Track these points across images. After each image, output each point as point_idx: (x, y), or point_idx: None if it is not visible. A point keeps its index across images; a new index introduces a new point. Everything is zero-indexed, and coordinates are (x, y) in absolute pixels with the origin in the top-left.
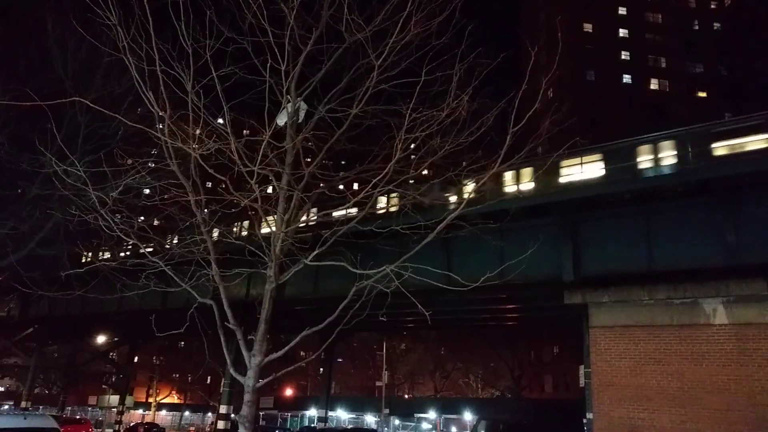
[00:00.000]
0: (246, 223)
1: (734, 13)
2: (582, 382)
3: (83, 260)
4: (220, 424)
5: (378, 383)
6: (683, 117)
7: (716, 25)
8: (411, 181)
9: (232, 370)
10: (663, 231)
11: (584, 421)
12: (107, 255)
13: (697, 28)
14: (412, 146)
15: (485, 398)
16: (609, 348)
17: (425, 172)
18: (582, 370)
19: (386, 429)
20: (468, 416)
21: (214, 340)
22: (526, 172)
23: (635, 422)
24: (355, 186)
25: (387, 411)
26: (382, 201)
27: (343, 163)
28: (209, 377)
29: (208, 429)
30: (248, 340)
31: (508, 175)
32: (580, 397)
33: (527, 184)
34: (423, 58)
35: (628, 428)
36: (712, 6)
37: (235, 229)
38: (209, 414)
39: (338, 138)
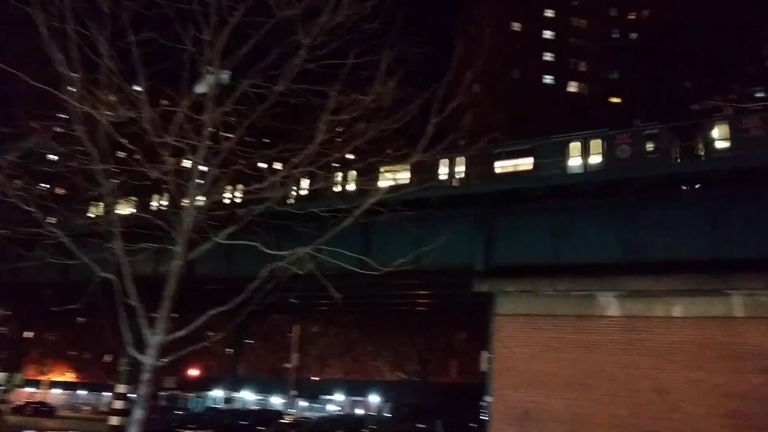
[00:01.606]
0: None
1: (651, 24)
2: (483, 367)
3: None
4: (118, 404)
5: (286, 365)
6: (599, 120)
7: (634, 34)
8: (334, 165)
9: (132, 349)
10: (570, 227)
11: (481, 403)
12: None
13: (616, 36)
14: (337, 129)
15: (393, 381)
16: (511, 335)
17: (350, 157)
18: (484, 355)
19: (293, 410)
20: (374, 399)
21: (117, 317)
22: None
23: (530, 405)
24: (277, 165)
25: (295, 393)
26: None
27: (267, 141)
28: (110, 356)
29: (104, 409)
30: (152, 319)
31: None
32: (483, 381)
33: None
34: (353, 41)
35: (523, 411)
36: (631, 16)
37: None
38: (107, 393)
39: (260, 114)
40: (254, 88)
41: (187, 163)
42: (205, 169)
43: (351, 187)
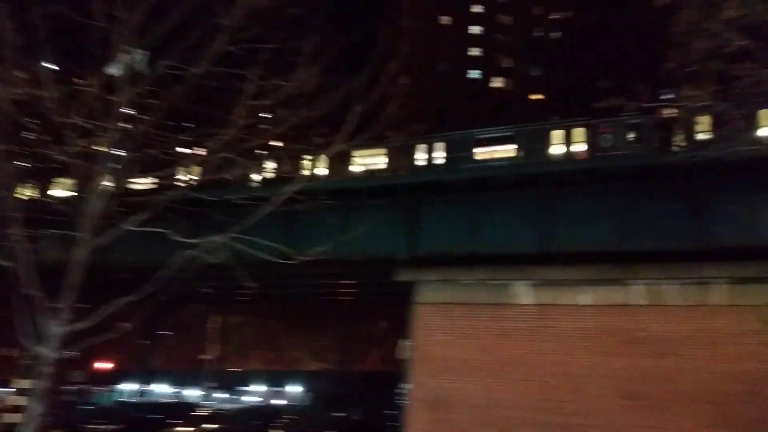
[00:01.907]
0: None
1: (573, 25)
2: (403, 354)
3: None
4: (15, 400)
5: (202, 357)
6: (521, 116)
7: (556, 34)
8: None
9: (30, 341)
10: (489, 218)
11: (397, 390)
12: None
13: (539, 35)
14: (261, 115)
15: (314, 371)
16: (430, 323)
17: (274, 144)
18: (404, 343)
19: (210, 403)
20: (295, 389)
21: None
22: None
23: (446, 391)
24: (199, 151)
25: (213, 384)
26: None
27: (186, 125)
28: (14, 350)
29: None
30: (55, 309)
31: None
32: (402, 369)
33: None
34: (277, 26)
35: (439, 396)
36: (556, 16)
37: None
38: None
39: (178, 97)
40: (172, 69)
41: (98, 147)
42: (117, 152)
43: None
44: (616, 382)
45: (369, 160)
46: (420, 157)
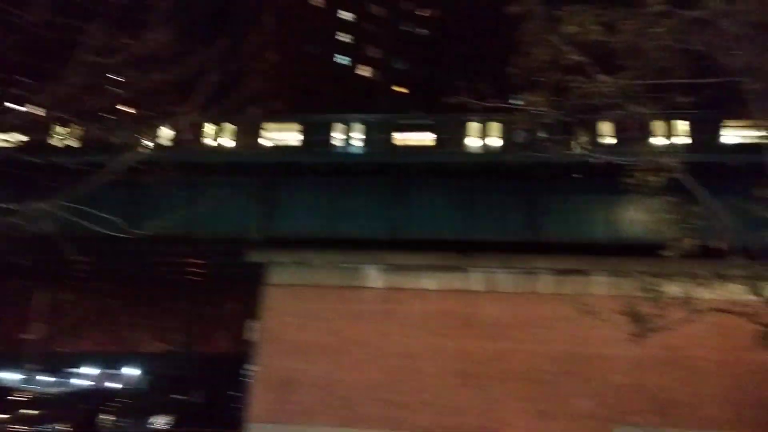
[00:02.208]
0: None
1: (438, 24)
2: (250, 336)
3: None
4: None
5: (25, 336)
6: (385, 106)
7: (424, 30)
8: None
9: None
10: (346, 203)
11: (243, 372)
12: None
13: (407, 29)
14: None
15: (155, 353)
16: (281, 305)
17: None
18: (252, 324)
19: (32, 386)
20: (132, 371)
21: None
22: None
23: (293, 373)
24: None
25: (36, 367)
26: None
27: (22, 79)
28: None
29: None
30: None
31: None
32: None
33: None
34: None
35: (285, 378)
36: (425, 14)
37: None
38: None
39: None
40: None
41: None
42: None
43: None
44: (452, 362)
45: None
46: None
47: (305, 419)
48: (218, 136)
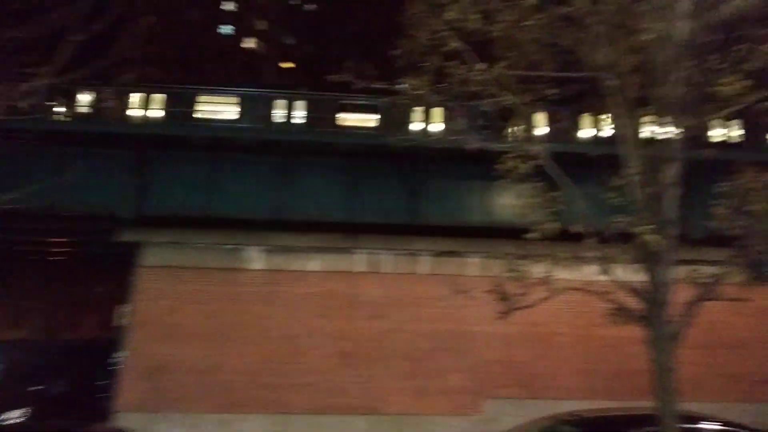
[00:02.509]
0: None
1: (326, 1)
2: (121, 321)
3: None
4: None
5: None
6: (272, 81)
7: (312, 6)
8: None
9: None
10: (228, 181)
11: (110, 359)
12: None
13: (295, 3)
14: None
15: (10, 341)
16: (155, 287)
17: None
18: (123, 308)
19: None
20: None
21: None
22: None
23: (168, 358)
24: None
25: None
26: None
27: None
28: None
29: None
30: None
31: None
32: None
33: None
34: None
35: (158, 363)
36: None
37: None
38: None
39: None
40: None
41: None
42: None
43: None
44: (335, 342)
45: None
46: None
47: (181, 407)
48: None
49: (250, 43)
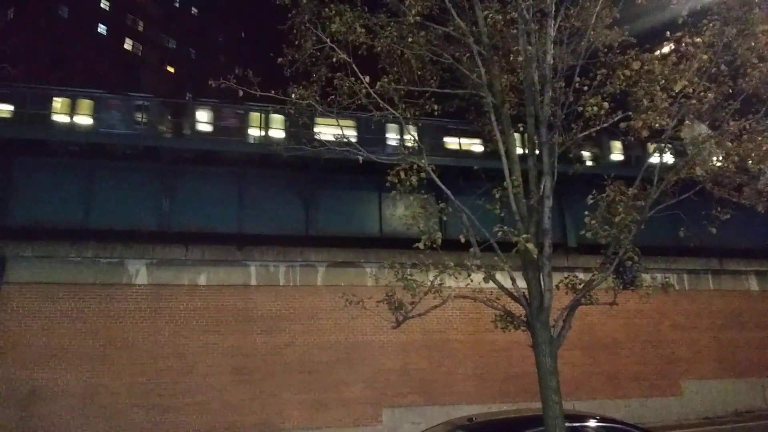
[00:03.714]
0: None
1: (209, 6)
2: None
3: None
4: None
5: None
6: (152, 84)
7: (195, 10)
8: None
9: None
10: (105, 189)
11: None
12: None
13: (177, 6)
14: None
15: None
16: (23, 306)
17: None
18: None
19: None
20: None
21: None
22: None
23: (40, 383)
24: None
25: None
26: None
27: None
28: None
29: None
30: None
31: None
32: None
33: None
34: None
35: (34, 390)
36: None
37: None
38: None
39: None
40: None
41: None
42: None
43: None
44: (228, 359)
45: None
46: (10, 108)
47: None
48: None
49: (128, 44)
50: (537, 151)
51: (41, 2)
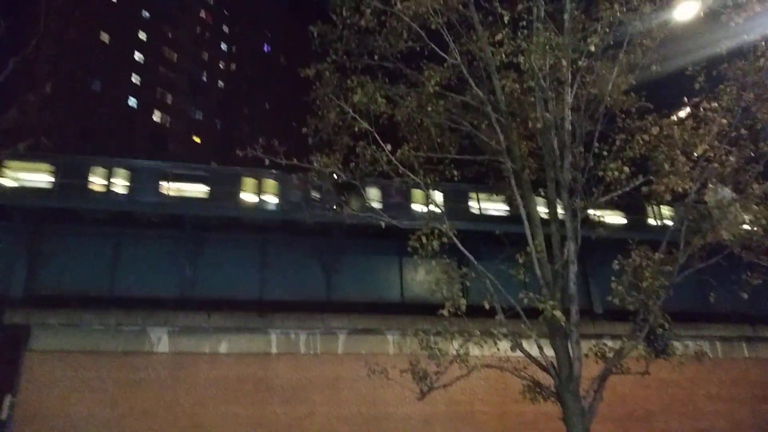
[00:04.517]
0: None
1: (235, 79)
2: (4, 414)
3: None
4: None
5: None
6: (179, 154)
7: (221, 83)
8: None
9: None
10: (130, 257)
11: None
12: None
13: (204, 79)
14: None
15: None
16: (45, 374)
17: None
18: (6, 399)
19: None
20: None
21: None
22: None
23: None
24: None
25: None
26: None
27: None
28: None
29: None
30: None
31: None
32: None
33: None
34: None
35: None
36: (221, 65)
37: None
38: None
39: None
40: None
41: None
42: None
43: None
44: (248, 429)
45: None
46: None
47: None
48: None
49: (156, 116)
50: (559, 216)
51: (76, 77)
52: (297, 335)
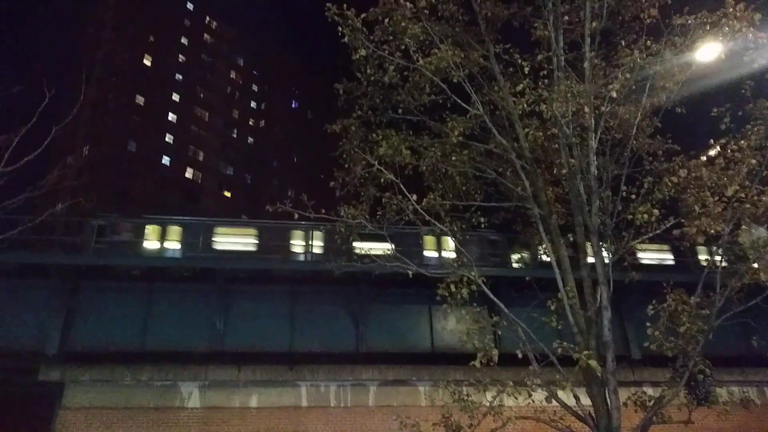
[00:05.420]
0: None
1: (264, 135)
2: None
3: None
4: None
5: None
6: (210, 209)
7: (250, 139)
8: None
9: None
10: (162, 311)
11: None
12: None
13: (234, 136)
14: None
15: None
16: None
17: None
18: None
19: None
20: None
21: None
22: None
23: None
24: None
25: None
26: None
27: None
28: None
29: None
30: None
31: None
32: None
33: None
34: None
35: None
36: (250, 122)
37: None
38: None
39: None
40: None
41: None
42: None
43: None
44: None
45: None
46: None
47: None
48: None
49: (189, 173)
50: (589, 260)
51: (113, 139)
52: (327, 387)
